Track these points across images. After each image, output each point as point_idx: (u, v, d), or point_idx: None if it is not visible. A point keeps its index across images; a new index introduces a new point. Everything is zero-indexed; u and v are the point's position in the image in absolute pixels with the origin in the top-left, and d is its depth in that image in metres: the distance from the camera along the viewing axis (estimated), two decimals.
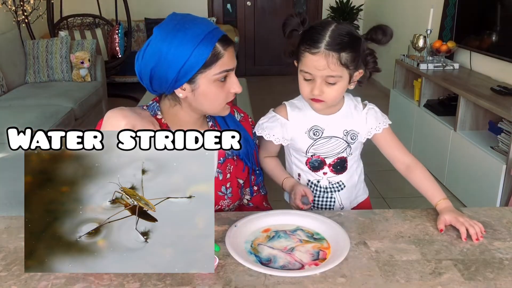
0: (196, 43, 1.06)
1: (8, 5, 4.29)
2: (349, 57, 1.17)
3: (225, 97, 1.16)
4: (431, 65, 3.50)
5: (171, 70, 1.08)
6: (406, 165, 1.32)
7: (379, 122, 1.34)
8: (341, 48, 1.15)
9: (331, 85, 1.19)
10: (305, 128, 1.32)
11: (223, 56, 1.10)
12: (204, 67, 1.09)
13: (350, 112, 1.33)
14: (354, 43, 1.18)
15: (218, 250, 1.02)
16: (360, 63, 1.21)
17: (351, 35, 1.18)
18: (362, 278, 0.94)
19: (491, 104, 2.61)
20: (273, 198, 1.48)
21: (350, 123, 1.33)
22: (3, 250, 1.03)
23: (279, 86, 6.02)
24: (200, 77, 1.10)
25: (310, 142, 1.32)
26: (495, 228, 1.14)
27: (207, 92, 1.12)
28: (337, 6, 5.87)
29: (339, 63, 1.16)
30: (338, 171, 1.37)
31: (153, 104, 1.23)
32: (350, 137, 1.33)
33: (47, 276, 0.93)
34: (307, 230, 1.12)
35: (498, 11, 3.08)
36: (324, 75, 1.18)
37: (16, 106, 3.44)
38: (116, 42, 5.19)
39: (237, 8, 6.34)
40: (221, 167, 1.27)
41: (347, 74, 1.20)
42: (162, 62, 1.08)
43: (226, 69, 1.12)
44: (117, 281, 0.92)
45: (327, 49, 1.15)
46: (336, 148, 1.33)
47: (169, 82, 1.10)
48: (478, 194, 2.71)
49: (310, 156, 1.35)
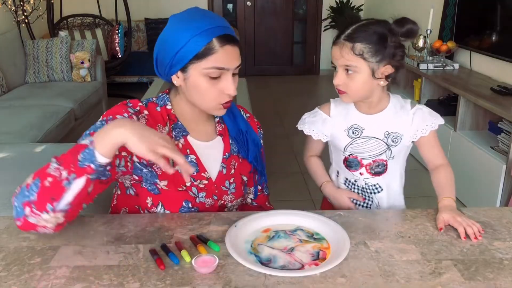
0: (194, 33, 1.09)
1: (8, 5, 4.29)
2: (366, 49, 1.20)
3: (216, 96, 1.15)
4: (431, 65, 3.50)
5: (167, 55, 1.13)
6: (436, 166, 1.34)
7: (427, 124, 1.31)
8: (356, 39, 1.21)
9: (351, 76, 1.24)
10: (345, 126, 1.34)
11: (217, 52, 1.10)
12: (197, 58, 1.10)
13: (395, 112, 1.32)
14: (373, 37, 1.21)
15: (218, 250, 1.02)
16: (385, 57, 1.22)
17: (373, 30, 1.21)
18: (362, 278, 0.94)
19: (491, 104, 2.61)
20: (274, 198, 1.48)
21: (393, 125, 1.31)
22: (3, 250, 1.03)
23: (279, 86, 6.03)
24: (191, 67, 1.12)
25: (349, 140, 1.33)
26: (495, 228, 1.14)
27: (197, 84, 1.13)
28: (337, 6, 5.87)
29: (352, 52, 1.21)
30: (375, 173, 1.36)
31: (163, 96, 1.24)
32: (392, 140, 1.32)
33: (47, 276, 0.93)
34: (307, 230, 1.12)
35: (498, 11, 3.08)
36: (341, 64, 1.24)
37: (16, 106, 3.44)
38: (116, 42, 5.19)
39: (237, 8, 6.34)
40: (225, 162, 1.27)
41: (365, 66, 1.22)
42: (163, 46, 1.14)
43: (218, 66, 1.11)
44: (117, 281, 0.92)
45: (344, 39, 1.23)
46: (374, 149, 1.33)
47: (166, 66, 1.14)
48: (478, 194, 2.71)
49: (347, 155, 1.36)
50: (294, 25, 6.46)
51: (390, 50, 1.22)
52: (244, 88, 3.77)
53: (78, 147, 0.96)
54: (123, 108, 1.16)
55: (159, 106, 1.21)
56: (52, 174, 0.94)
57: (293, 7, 6.38)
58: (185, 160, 0.99)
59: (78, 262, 0.98)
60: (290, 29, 6.45)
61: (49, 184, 0.93)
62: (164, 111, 1.21)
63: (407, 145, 1.35)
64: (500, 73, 3.15)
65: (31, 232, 1.09)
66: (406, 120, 1.31)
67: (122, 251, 1.02)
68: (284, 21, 6.41)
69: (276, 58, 6.55)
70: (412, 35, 1.23)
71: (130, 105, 1.18)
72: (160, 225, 1.13)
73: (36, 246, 1.04)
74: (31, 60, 4.14)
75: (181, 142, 1.21)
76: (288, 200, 2.86)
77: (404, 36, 1.23)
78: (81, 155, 0.94)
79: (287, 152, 3.77)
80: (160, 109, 1.21)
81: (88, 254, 1.01)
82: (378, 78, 1.25)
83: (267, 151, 1.46)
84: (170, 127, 1.20)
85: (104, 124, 1.09)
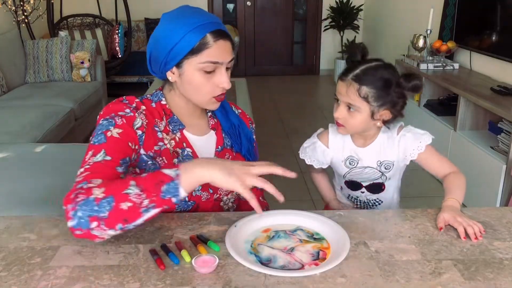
0: (188, 30, 1.11)
1: (8, 5, 4.29)
2: (371, 93, 1.26)
3: (211, 90, 1.17)
4: (431, 65, 3.50)
5: (162, 52, 1.14)
6: (445, 175, 1.37)
7: (413, 148, 1.36)
8: (363, 81, 1.25)
9: (352, 113, 1.29)
10: (343, 157, 1.43)
11: (211, 47, 1.13)
12: (191, 53, 1.12)
13: (383, 144, 1.39)
14: (380, 82, 1.26)
15: (218, 250, 1.02)
16: (386, 103, 1.28)
17: (381, 75, 1.27)
18: (362, 278, 0.94)
19: (491, 104, 2.61)
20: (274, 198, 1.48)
21: (383, 154, 1.39)
22: (3, 250, 1.03)
23: (279, 86, 6.03)
24: (186, 63, 1.14)
25: (346, 170, 1.43)
26: (495, 228, 1.14)
27: (192, 79, 1.15)
28: (337, 6, 5.86)
29: (358, 94, 1.26)
30: (375, 192, 1.46)
31: (157, 92, 1.26)
32: (384, 167, 1.40)
33: (47, 276, 0.93)
34: (307, 230, 1.12)
35: (498, 11, 3.08)
36: (345, 101, 1.29)
37: (16, 106, 3.44)
38: (116, 42, 5.19)
39: (237, 8, 6.34)
40: (218, 155, 1.29)
41: (367, 108, 1.28)
42: (157, 44, 1.15)
43: (212, 60, 1.13)
44: (117, 281, 0.92)
45: (352, 79, 1.27)
46: (370, 176, 1.42)
47: (160, 63, 1.16)
48: (478, 194, 2.71)
49: (348, 179, 1.46)
50: (294, 25, 6.46)
51: (393, 98, 1.28)
52: (244, 88, 3.77)
53: (161, 176, 0.96)
54: (123, 105, 1.17)
55: (153, 102, 1.23)
56: (132, 200, 0.93)
57: (293, 7, 6.38)
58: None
59: (78, 262, 0.98)
60: (290, 29, 6.45)
61: (127, 208, 0.93)
62: (159, 106, 1.23)
63: (401, 166, 1.42)
64: (500, 73, 3.15)
65: (31, 232, 1.09)
66: (393, 148, 1.38)
67: (122, 251, 1.02)
68: (284, 21, 6.41)
69: (276, 58, 6.54)
70: (417, 91, 1.28)
71: (126, 102, 1.19)
72: (160, 225, 1.13)
73: (36, 246, 1.04)
74: (31, 60, 4.14)
75: (177, 135, 1.23)
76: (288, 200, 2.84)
77: (409, 90, 1.28)
78: (165, 186, 0.95)
79: (287, 152, 3.77)
80: (155, 104, 1.23)
81: (88, 254, 1.01)
82: (376, 119, 1.31)
83: (267, 151, 1.46)
84: (167, 121, 1.22)
85: (110, 121, 1.11)
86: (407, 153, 1.37)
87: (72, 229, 0.94)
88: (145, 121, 1.17)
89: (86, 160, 1.06)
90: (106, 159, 1.05)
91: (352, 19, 5.83)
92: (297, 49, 6.61)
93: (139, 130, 1.15)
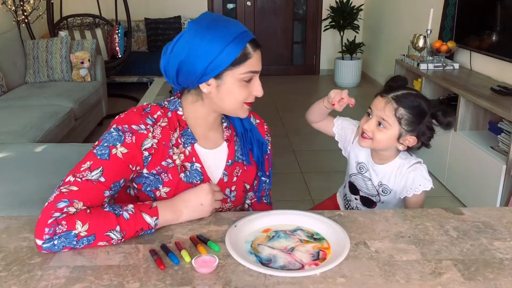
0: (228, 41, 1.09)
1: (8, 5, 4.29)
2: (405, 116, 1.31)
3: (246, 98, 1.17)
4: (431, 65, 3.50)
5: (200, 64, 1.10)
6: None
7: (411, 187, 1.38)
8: (402, 103, 1.31)
9: (381, 129, 1.34)
10: (357, 159, 1.49)
11: (252, 57, 1.12)
12: (233, 65, 1.11)
13: (392, 170, 1.41)
14: (416, 110, 1.32)
15: (218, 250, 1.02)
16: (415, 130, 1.34)
17: (419, 104, 1.32)
18: (362, 278, 0.94)
19: (491, 104, 2.61)
20: (274, 198, 1.48)
21: (387, 179, 1.42)
22: (3, 250, 1.03)
23: (279, 86, 6.02)
24: (227, 74, 1.12)
25: (355, 172, 1.50)
26: (495, 228, 1.14)
27: (231, 89, 1.14)
28: (337, 6, 5.86)
29: (394, 113, 1.31)
30: (366, 204, 1.51)
31: (174, 100, 1.22)
32: (382, 190, 1.44)
33: (47, 276, 0.93)
34: (307, 230, 1.12)
35: (498, 11, 3.08)
36: (379, 115, 1.34)
37: (16, 106, 3.44)
38: (116, 42, 5.18)
39: (237, 8, 6.35)
40: (227, 169, 1.27)
41: (397, 128, 1.33)
42: (192, 55, 1.10)
43: (252, 70, 1.13)
44: (117, 281, 0.92)
45: (392, 98, 1.32)
46: (369, 189, 1.48)
47: (197, 75, 1.12)
48: (478, 194, 2.71)
49: (351, 180, 1.53)
50: (294, 25, 6.46)
51: (423, 127, 1.34)
52: None
53: (142, 223, 1.06)
54: (141, 117, 1.15)
55: (170, 111, 1.20)
56: (112, 242, 1.03)
57: (293, 7, 6.38)
58: None
59: (78, 262, 0.98)
60: (290, 29, 6.45)
61: (103, 244, 1.03)
62: (174, 116, 1.20)
63: (397, 198, 1.45)
64: (500, 73, 3.15)
65: (31, 232, 1.09)
66: (397, 177, 1.41)
67: (122, 251, 1.02)
68: (284, 21, 6.41)
69: (276, 58, 6.55)
70: (449, 127, 1.34)
71: (148, 111, 1.17)
72: None
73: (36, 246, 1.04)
74: (31, 60, 4.14)
75: (188, 149, 1.21)
76: (288, 200, 2.86)
77: (442, 124, 1.33)
78: (143, 233, 1.07)
79: (287, 152, 3.77)
80: (171, 114, 1.20)
81: (88, 254, 1.01)
82: (400, 143, 1.36)
83: None
84: (180, 134, 1.20)
85: (120, 135, 1.11)
86: (406, 188, 1.40)
87: (39, 247, 1.00)
88: (158, 138, 1.15)
89: (80, 171, 1.06)
90: (100, 180, 1.06)
91: (352, 19, 5.83)
92: (297, 49, 6.61)
93: (147, 151, 1.13)
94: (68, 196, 1.02)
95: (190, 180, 1.20)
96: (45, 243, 0.98)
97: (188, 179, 1.20)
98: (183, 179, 1.19)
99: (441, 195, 3.03)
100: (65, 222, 0.99)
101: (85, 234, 1.00)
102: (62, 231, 0.98)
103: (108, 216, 1.03)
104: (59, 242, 0.99)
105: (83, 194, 1.03)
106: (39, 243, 0.99)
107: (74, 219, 1.00)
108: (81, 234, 1.00)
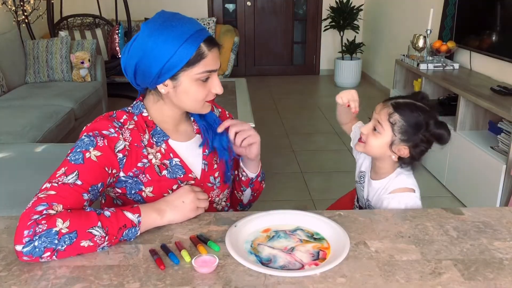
0: (181, 41, 1.08)
1: (8, 5, 4.29)
2: (399, 123, 1.28)
3: (205, 97, 1.17)
4: (431, 65, 3.50)
5: (155, 65, 1.10)
6: None
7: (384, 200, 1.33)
8: (399, 110, 1.28)
9: (375, 133, 1.32)
10: (361, 167, 1.48)
11: (207, 56, 1.12)
12: (188, 65, 1.10)
13: (379, 188, 1.38)
14: (413, 120, 1.28)
15: (218, 250, 1.02)
16: (409, 141, 1.29)
17: (417, 114, 1.28)
18: (362, 278, 0.94)
19: (491, 104, 2.61)
20: (274, 198, 1.48)
21: (371, 196, 1.40)
22: (3, 250, 1.03)
23: (279, 86, 6.03)
24: (182, 75, 1.12)
25: (357, 179, 1.50)
26: (495, 228, 1.14)
27: (188, 90, 1.14)
28: (337, 6, 5.86)
29: (388, 117, 1.29)
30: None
31: (137, 104, 1.23)
32: (368, 206, 1.43)
33: (47, 276, 0.94)
34: (307, 230, 1.12)
35: (498, 11, 3.08)
36: (376, 118, 1.32)
37: (16, 106, 3.44)
38: (116, 42, 5.19)
39: (237, 8, 6.34)
40: (207, 159, 1.28)
41: (389, 134, 1.29)
42: (147, 57, 1.10)
43: (208, 69, 1.13)
44: (117, 281, 0.92)
45: (391, 104, 1.31)
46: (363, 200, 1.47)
47: (152, 77, 1.12)
48: (478, 194, 2.71)
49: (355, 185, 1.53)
50: (294, 25, 6.46)
51: (417, 139, 1.29)
52: (244, 88, 3.76)
53: (124, 219, 1.04)
54: (109, 122, 1.15)
55: (135, 115, 1.20)
56: (95, 240, 0.99)
57: (293, 7, 6.38)
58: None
59: (78, 262, 0.98)
60: (290, 29, 6.45)
61: (87, 246, 0.99)
62: (140, 119, 1.20)
63: None
64: (500, 73, 3.15)
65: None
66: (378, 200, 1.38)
67: (122, 251, 1.02)
68: (284, 21, 6.41)
69: (276, 58, 6.55)
70: (442, 142, 1.31)
71: (114, 116, 1.18)
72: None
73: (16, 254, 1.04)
74: (31, 60, 4.14)
75: (163, 147, 1.21)
76: (288, 200, 2.86)
77: (434, 136, 1.29)
78: (126, 231, 1.04)
79: (287, 152, 3.77)
80: (137, 117, 1.20)
81: (88, 254, 1.01)
82: (393, 151, 1.31)
83: (267, 151, 1.46)
84: (150, 134, 1.20)
85: (92, 140, 1.11)
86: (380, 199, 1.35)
87: (19, 254, 0.95)
88: (129, 140, 1.15)
89: (56, 177, 1.05)
90: (76, 183, 1.04)
91: (352, 19, 5.83)
92: (297, 49, 6.61)
93: (120, 153, 1.13)
94: (46, 200, 1.00)
95: (173, 175, 1.21)
96: (25, 247, 0.94)
97: (171, 175, 1.20)
98: (167, 175, 1.20)
99: (441, 195, 3.04)
100: (45, 222, 0.96)
101: (66, 231, 0.96)
102: (42, 230, 0.95)
103: (89, 214, 1.01)
104: (39, 243, 0.94)
105: (62, 197, 1.01)
106: (18, 249, 0.94)
107: (55, 217, 0.97)
108: (62, 231, 0.96)
